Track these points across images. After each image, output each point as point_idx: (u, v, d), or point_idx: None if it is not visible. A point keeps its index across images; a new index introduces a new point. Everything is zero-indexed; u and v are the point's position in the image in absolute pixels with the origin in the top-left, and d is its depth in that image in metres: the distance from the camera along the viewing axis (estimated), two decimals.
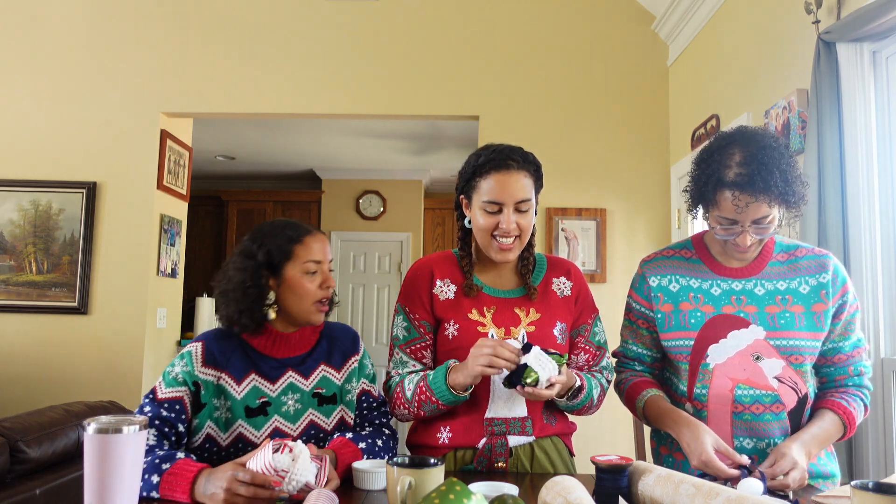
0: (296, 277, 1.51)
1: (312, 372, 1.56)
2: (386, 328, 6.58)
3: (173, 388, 1.47)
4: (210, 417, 1.47)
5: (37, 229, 3.71)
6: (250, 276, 1.50)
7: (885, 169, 2.06)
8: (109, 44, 3.78)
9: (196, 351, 1.50)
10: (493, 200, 1.52)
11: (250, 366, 1.51)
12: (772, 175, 1.38)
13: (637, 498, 1.25)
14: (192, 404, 1.47)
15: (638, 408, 1.60)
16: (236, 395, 1.48)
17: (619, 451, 2.37)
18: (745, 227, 1.43)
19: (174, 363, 1.50)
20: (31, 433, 2.08)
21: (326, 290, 1.54)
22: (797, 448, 1.38)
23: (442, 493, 1.01)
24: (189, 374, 1.47)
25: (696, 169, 1.50)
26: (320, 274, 1.54)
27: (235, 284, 1.51)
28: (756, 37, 2.74)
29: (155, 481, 1.30)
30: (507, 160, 1.53)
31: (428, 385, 1.51)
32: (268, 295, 1.52)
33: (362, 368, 1.63)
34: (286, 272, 1.51)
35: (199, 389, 1.47)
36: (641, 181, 3.70)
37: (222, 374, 1.49)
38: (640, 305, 1.64)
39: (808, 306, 1.50)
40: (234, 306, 1.50)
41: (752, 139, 1.44)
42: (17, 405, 3.43)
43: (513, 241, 1.55)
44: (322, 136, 5.56)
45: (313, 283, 1.52)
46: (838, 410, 1.49)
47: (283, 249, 1.51)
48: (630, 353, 1.68)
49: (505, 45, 3.76)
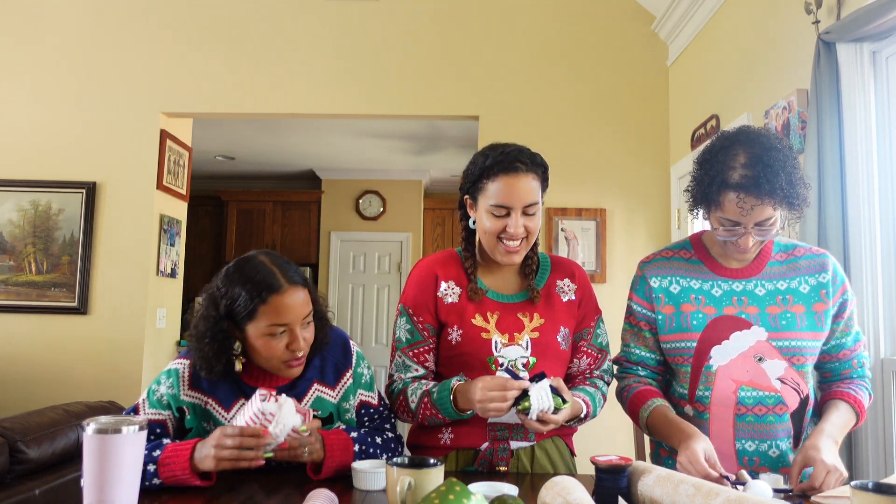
0: (258, 339, 1.40)
1: (306, 394, 1.51)
2: (385, 328, 6.58)
3: (156, 410, 1.44)
4: (200, 437, 1.41)
5: (36, 229, 3.70)
6: (211, 328, 1.41)
7: (885, 169, 2.06)
8: (109, 44, 3.78)
9: (183, 372, 1.45)
10: (501, 204, 1.50)
11: (238, 392, 1.46)
12: (777, 177, 1.37)
13: (637, 498, 1.24)
14: (175, 429, 1.45)
15: (641, 418, 1.56)
16: (224, 420, 1.44)
17: (618, 452, 2.36)
18: (748, 229, 1.42)
19: (160, 380, 1.46)
20: (31, 433, 2.08)
21: (292, 352, 1.41)
22: (825, 447, 1.34)
23: (442, 493, 1.01)
24: (174, 398, 1.43)
25: (699, 169, 1.49)
26: (287, 335, 1.40)
27: (200, 333, 1.42)
28: (756, 37, 2.74)
29: (152, 469, 1.31)
30: (516, 162, 1.50)
31: (433, 402, 1.50)
32: (232, 346, 1.43)
33: (357, 380, 1.57)
34: (248, 330, 1.40)
35: (183, 415, 1.44)
36: (641, 181, 3.70)
37: (209, 398, 1.45)
38: (642, 307, 1.62)
39: (808, 306, 1.50)
40: (198, 354, 1.42)
41: (756, 140, 1.43)
42: (17, 405, 3.42)
43: (519, 243, 1.54)
44: (322, 136, 5.56)
45: (279, 344, 1.40)
46: (849, 400, 1.49)
47: (247, 307, 1.38)
48: (633, 357, 1.65)
49: (505, 45, 3.76)
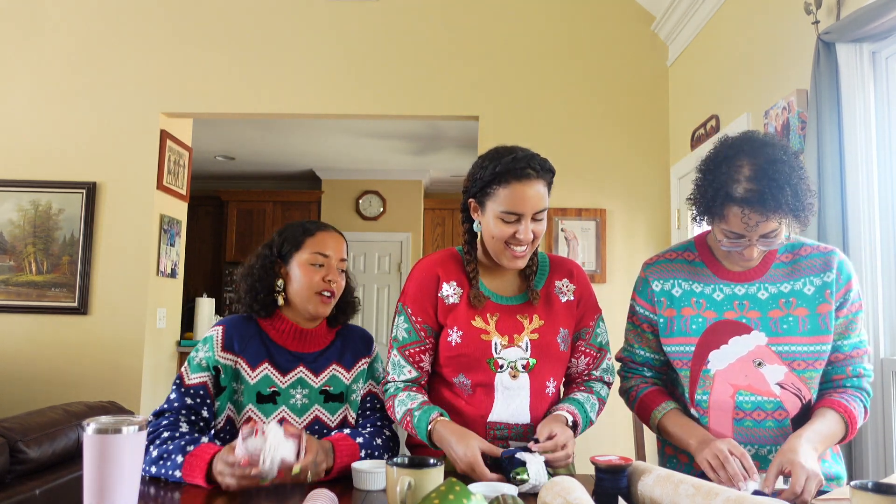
0: (300, 267, 1.59)
1: (323, 370, 1.62)
2: (386, 328, 6.58)
3: (199, 373, 1.55)
4: (230, 399, 1.55)
5: (36, 229, 3.70)
6: (262, 262, 1.62)
7: (885, 169, 2.06)
8: (109, 44, 3.78)
9: (217, 336, 1.58)
10: (512, 211, 1.49)
11: (265, 354, 1.58)
12: (782, 192, 1.33)
13: (636, 498, 1.24)
14: (213, 387, 1.55)
15: (654, 419, 1.56)
16: (250, 380, 1.55)
17: (618, 452, 2.36)
18: (753, 241, 1.39)
19: (198, 347, 1.59)
20: (31, 433, 2.08)
21: (328, 283, 1.59)
22: (804, 451, 1.31)
23: (441, 493, 1.01)
24: (210, 360, 1.56)
25: (703, 179, 1.45)
26: (326, 268, 1.60)
27: (248, 268, 1.63)
28: (756, 37, 2.74)
29: (179, 461, 1.38)
30: (528, 169, 1.48)
31: (413, 424, 1.52)
32: (276, 282, 1.61)
33: (372, 370, 1.69)
34: (293, 261, 1.61)
35: (219, 374, 1.55)
36: (641, 181, 3.70)
37: (239, 358, 1.56)
38: (644, 309, 1.61)
39: (812, 308, 1.47)
40: (245, 289, 1.61)
41: (761, 151, 1.38)
42: (17, 405, 3.43)
43: (525, 248, 1.54)
44: (322, 136, 5.56)
45: (316, 275, 1.58)
46: (839, 409, 1.43)
47: (296, 239, 1.61)
48: (638, 357, 1.65)
49: (505, 45, 3.76)
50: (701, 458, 1.38)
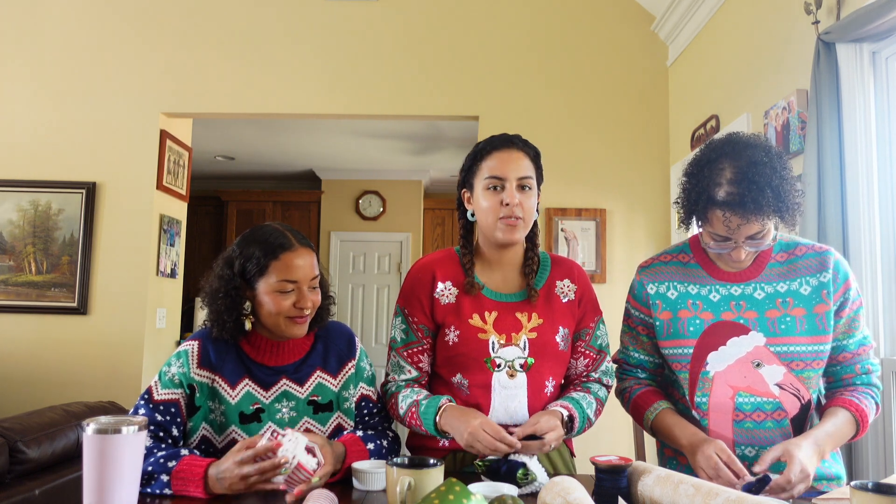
0: (267, 294, 1.46)
1: (308, 379, 1.53)
2: (385, 329, 6.58)
3: (170, 389, 1.46)
4: (205, 419, 1.47)
5: (36, 229, 3.70)
6: (225, 285, 1.47)
7: (884, 169, 2.06)
8: (109, 44, 3.78)
9: (192, 351, 1.48)
10: (496, 176, 1.55)
11: (244, 371, 1.49)
12: (763, 194, 1.33)
13: (636, 498, 1.24)
14: (186, 406, 1.46)
15: (647, 419, 1.56)
16: (231, 399, 1.47)
17: (618, 452, 2.36)
18: (739, 243, 1.40)
19: (170, 362, 1.49)
20: (31, 433, 2.08)
21: (299, 310, 1.47)
22: (806, 448, 1.32)
23: (441, 493, 1.00)
24: (185, 376, 1.46)
25: (687, 182, 1.46)
26: (295, 293, 1.47)
27: (213, 291, 1.49)
28: (756, 37, 2.74)
29: (165, 480, 1.31)
30: (509, 141, 1.60)
31: (419, 415, 1.51)
32: (243, 305, 1.48)
33: (359, 373, 1.60)
34: (259, 286, 1.47)
35: (193, 392, 1.46)
36: (641, 181, 3.70)
37: (216, 376, 1.47)
38: (640, 312, 1.61)
39: (809, 308, 1.46)
40: (211, 309, 1.49)
41: (742, 153, 1.38)
42: (17, 405, 3.43)
43: (518, 220, 1.54)
44: (322, 136, 5.56)
45: (286, 301, 1.46)
46: (851, 408, 1.43)
47: (259, 263, 1.46)
48: (632, 360, 1.65)
49: (505, 45, 3.76)
50: (695, 465, 1.40)
